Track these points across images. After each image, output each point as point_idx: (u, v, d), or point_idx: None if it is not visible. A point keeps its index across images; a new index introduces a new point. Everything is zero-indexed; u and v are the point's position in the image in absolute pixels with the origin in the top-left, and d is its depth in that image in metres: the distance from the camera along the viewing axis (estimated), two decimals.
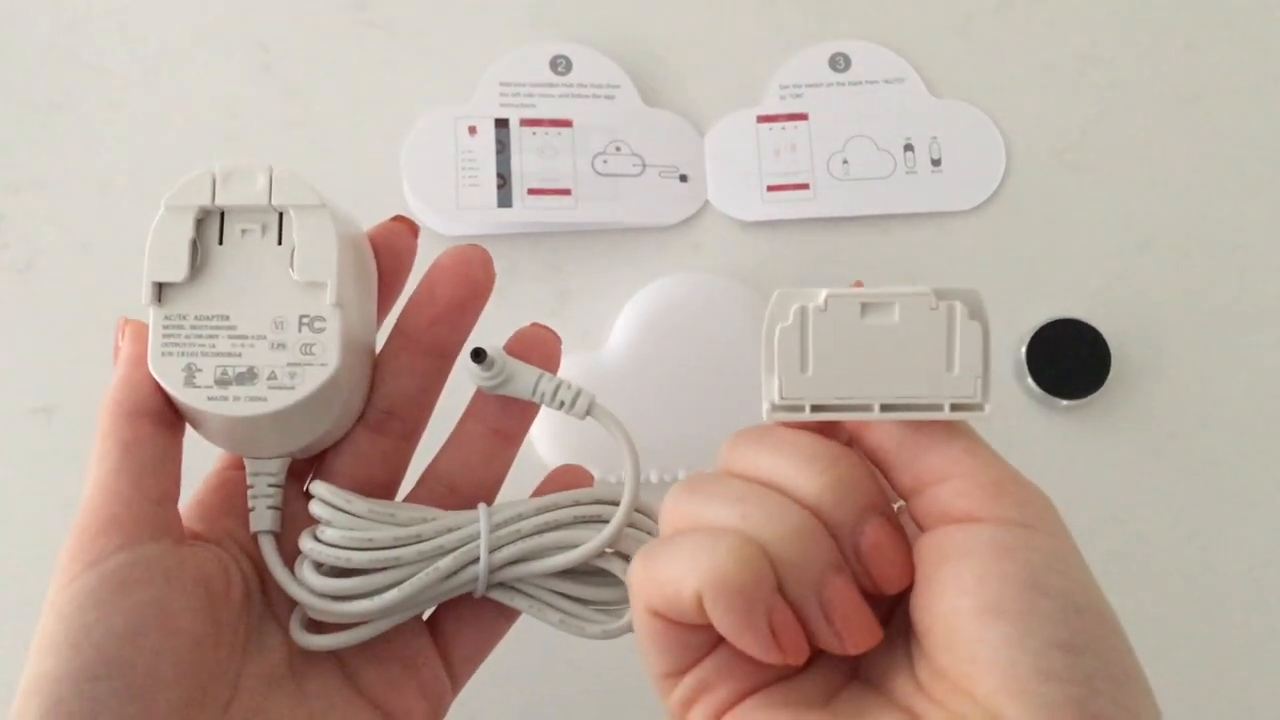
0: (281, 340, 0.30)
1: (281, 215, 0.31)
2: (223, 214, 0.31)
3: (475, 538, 0.31)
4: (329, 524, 0.31)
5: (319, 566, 0.31)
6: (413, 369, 0.33)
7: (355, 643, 0.31)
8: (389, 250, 0.33)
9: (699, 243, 0.50)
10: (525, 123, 0.50)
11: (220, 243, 0.31)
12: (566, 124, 0.50)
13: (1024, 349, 0.49)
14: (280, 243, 0.31)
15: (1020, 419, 0.49)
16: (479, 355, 0.32)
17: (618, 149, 0.50)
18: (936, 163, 0.51)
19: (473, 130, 0.50)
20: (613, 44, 0.52)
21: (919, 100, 0.52)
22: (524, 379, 0.32)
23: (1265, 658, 0.47)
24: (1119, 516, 0.48)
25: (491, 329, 0.49)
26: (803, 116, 0.51)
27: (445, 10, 0.52)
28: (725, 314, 0.48)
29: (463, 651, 0.34)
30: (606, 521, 0.32)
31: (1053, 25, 0.53)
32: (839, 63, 0.52)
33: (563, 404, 0.32)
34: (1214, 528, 0.48)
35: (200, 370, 0.30)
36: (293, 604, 0.32)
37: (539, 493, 0.34)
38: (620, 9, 0.53)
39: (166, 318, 0.30)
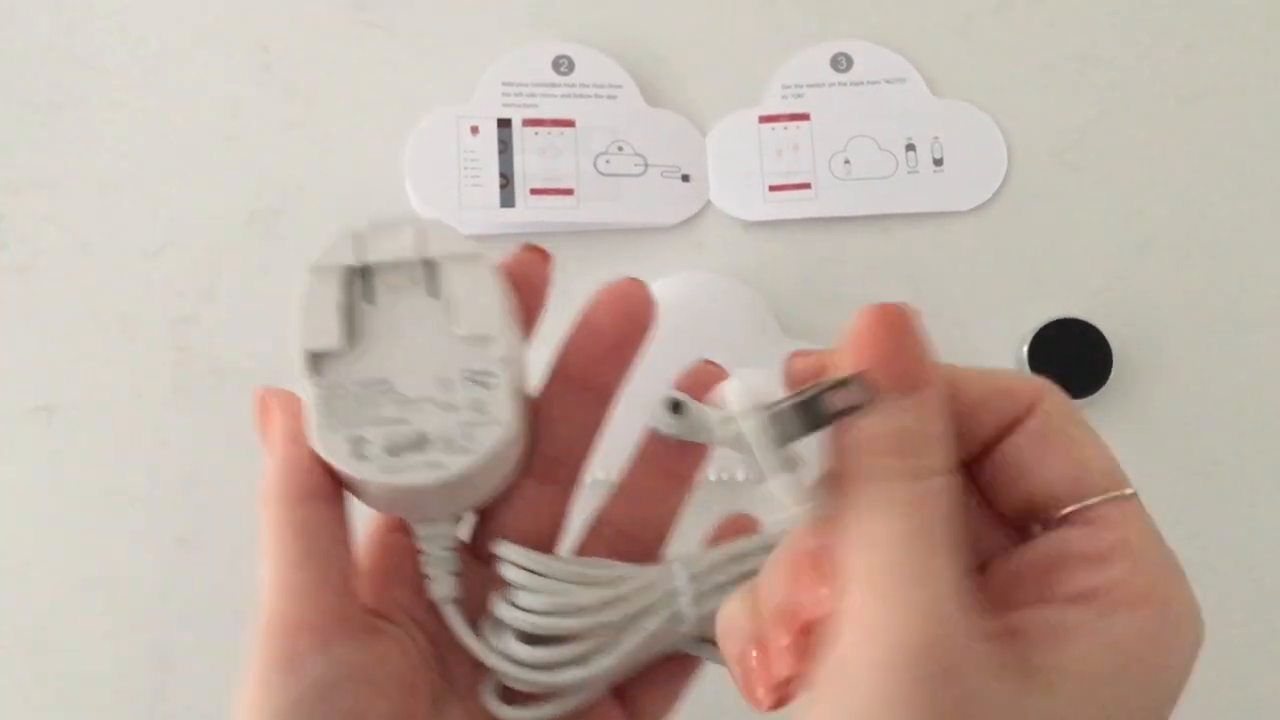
0: (450, 400, 0.28)
1: (432, 266, 0.29)
2: (364, 270, 0.29)
3: (677, 594, 0.29)
4: (525, 588, 0.29)
5: (518, 634, 0.29)
6: (577, 412, 0.31)
7: (565, 712, 0.29)
8: (525, 283, 0.31)
9: (701, 242, 0.50)
10: (527, 123, 0.50)
11: (370, 302, 0.29)
12: (569, 124, 0.50)
13: (1025, 349, 0.49)
14: (432, 295, 0.29)
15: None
16: (677, 407, 0.29)
17: (620, 149, 0.50)
18: (938, 162, 0.51)
19: (475, 130, 0.49)
20: (615, 44, 0.52)
21: (920, 100, 0.52)
22: (712, 425, 0.29)
23: (1265, 658, 0.47)
24: None
25: None
26: (804, 116, 0.51)
27: (447, 10, 0.52)
28: (727, 314, 0.48)
29: (651, 708, 0.31)
30: None
31: (1054, 25, 0.53)
32: (841, 63, 0.52)
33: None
34: (1214, 528, 0.48)
35: (369, 441, 0.28)
36: (472, 673, 0.30)
37: (714, 541, 0.33)
38: (622, 9, 0.53)
39: (325, 389, 0.28)
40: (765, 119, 0.51)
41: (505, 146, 0.49)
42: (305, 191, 0.50)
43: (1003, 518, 0.26)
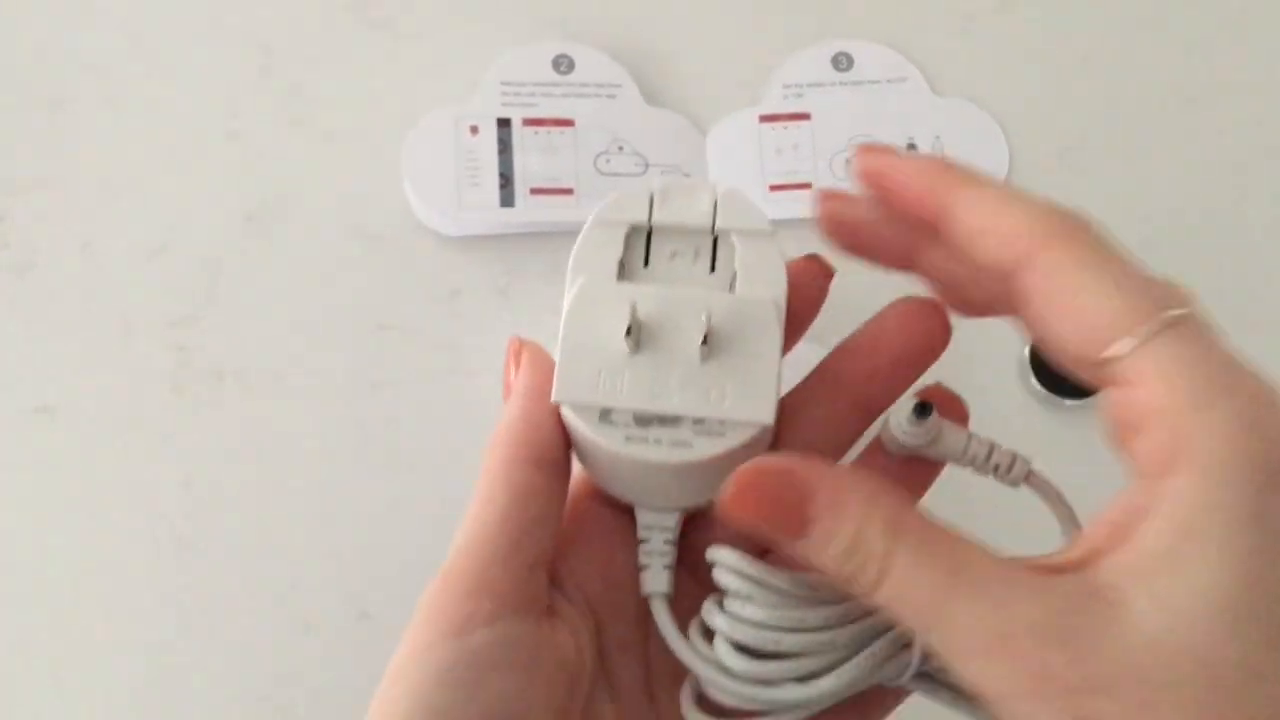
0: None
1: (716, 239, 0.27)
2: (650, 233, 0.27)
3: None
4: (749, 600, 0.26)
5: (733, 643, 0.27)
6: (835, 420, 0.29)
7: None
8: (799, 291, 0.29)
9: None
10: (527, 122, 0.50)
11: (645, 264, 0.27)
12: (568, 123, 0.50)
13: (1027, 349, 0.48)
14: (714, 270, 0.27)
15: (1023, 419, 0.49)
16: (924, 410, 0.27)
17: (620, 148, 0.50)
18: None
19: (474, 130, 0.49)
20: (615, 43, 0.52)
21: (921, 100, 0.52)
22: (953, 440, 0.28)
23: None
24: None
25: (492, 328, 0.49)
26: (805, 116, 0.51)
27: (446, 10, 0.52)
28: None
29: None
30: None
31: (1055, 25, 0.53)
32: (841, 62, 0.52)
33: (997, 468, 0.28)
34: None
35: (618, 408, 0.26)
36: (635, 675, 0.28)
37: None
38: (622, 8, 0.52)
39: None
40: (765, 119, 0.51)
41: (505, 146, 0.49)
42: (305, 191, 0.50)
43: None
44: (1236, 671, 0.20)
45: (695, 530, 0.29)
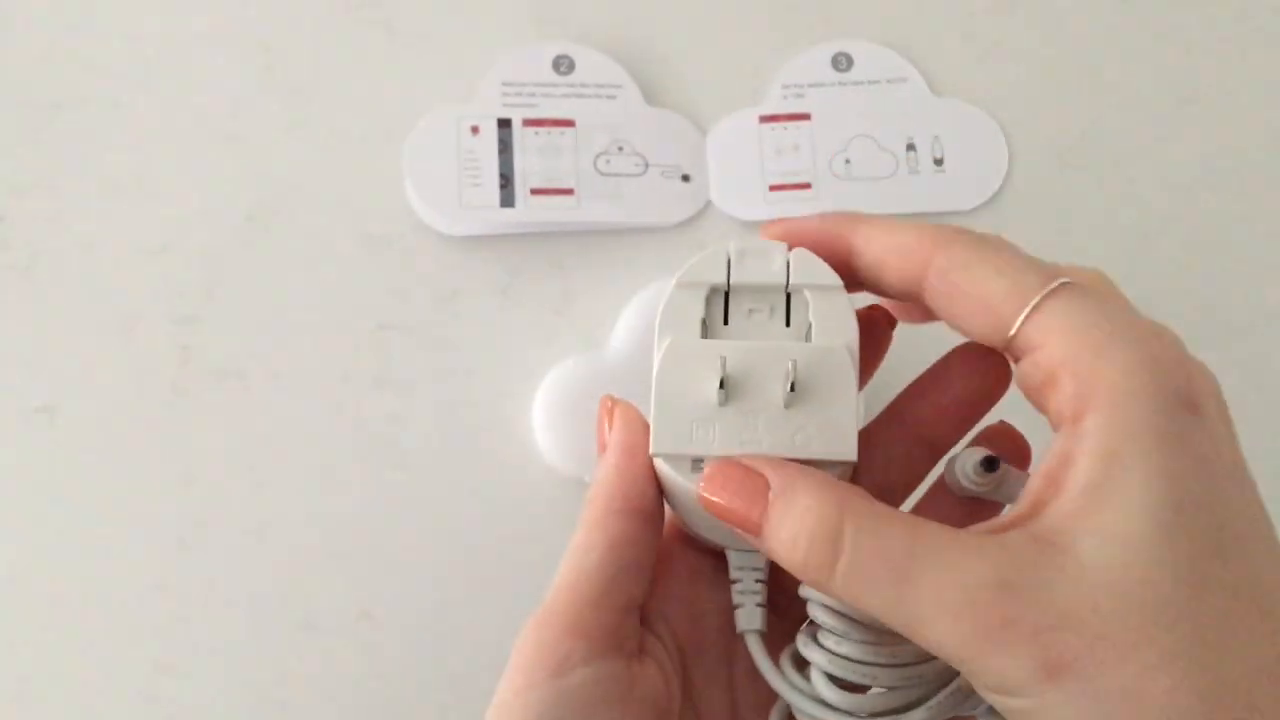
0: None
1: (789, 296, 0.29)
2: (727, 293, 0.29)
3: None
4: (845, 636, 0.28)
5: (828, 676, 0.28)
6: (903, 457, 0.31)
7: None
8: (866, 338, 0.30)
9: (701, 242, 0.50)
10: (527, 123, 0.50)
11: (725, 322, 0.29)
12: (569, 124, 0.50)
13: None
14: (789, 324, 0.29)
15: (1022, 418, 0.49)
16: (992, 464, 0.29)
17: (620, 149, 0.50)
18: (939, 162, 0.51)
19: (475, 130, 0.50)
20: (615, 44, 0.52)
21: (921, 100, 0.52)
22: (1015, 484, 0.30)
23: None
24: None
25: (492, 328, 0.49)
26: (805, 116, 0.51)
27: (447, 10, 0.52)
28: None
29: None
30: None
31: (1054, 25, 0.53)
32: (841, 62, 0.52)
33: None
34: None
35: (712, 455, 0.28)
36: (720, 710, 0.30)
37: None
38: (622, 9, 0.53)
39: None
40: (765, 119, 0.51)
41: (505, 146, 0.49)
42: (305, 191, 0.50)
43: None
44: (1178, 586, 0.22)
45: (778, 569, 0.31)
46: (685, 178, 0.50)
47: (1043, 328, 0.25)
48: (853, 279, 0.29)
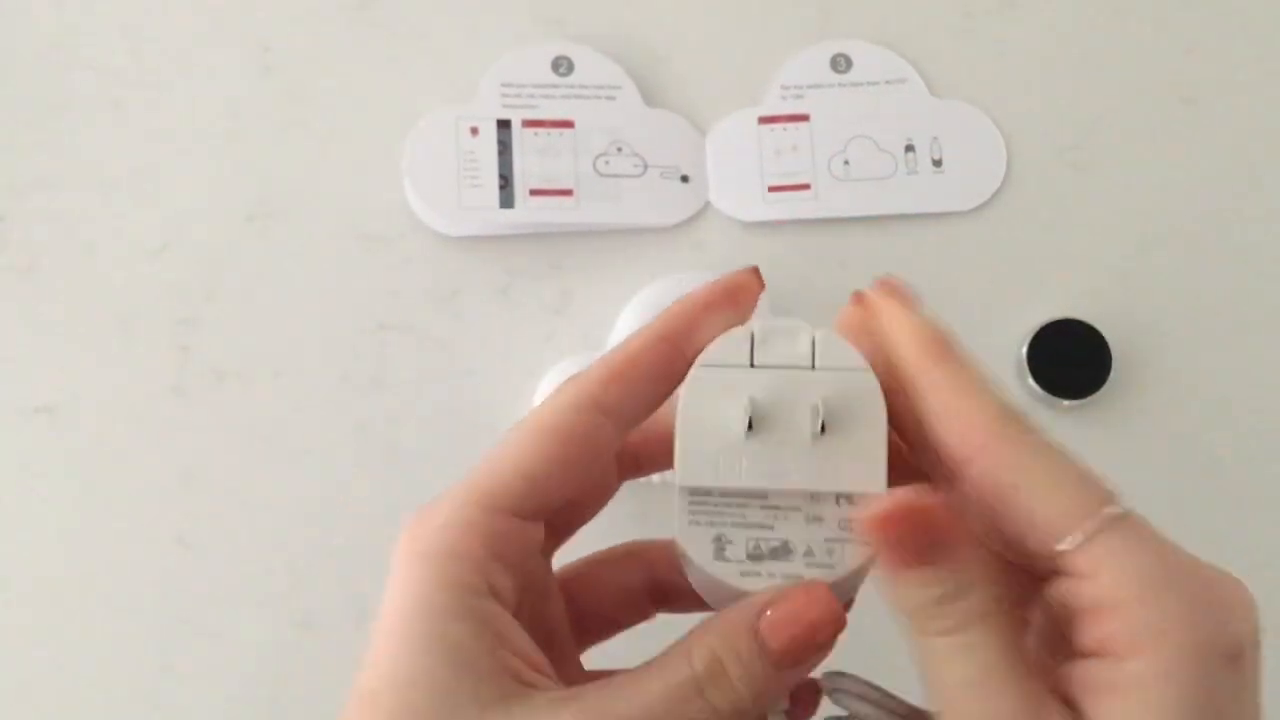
0: (818, 514, 0.28)
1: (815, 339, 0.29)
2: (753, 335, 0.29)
3: None
4: None
5: None
6: None
7: None
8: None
9: (700, 243, 0.50)
10: (527, 123, 0.50)
11: (751, 365, 0.28)
12: (568, 125, 0.50)
13: (1024, 349, 0.49)
14: (814, 367, 0.28)
15: None
16: None
17: (619, 149, 0.50)
18: (937, 163, 0.51)
19: (474, 131, 0.50)
20: (614, 45, 0.52)
21: (920, 101, 0.52)
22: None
23: (1266, 658, 0.47)
24: None
25: (491, 328, 0.49)
26: (804, 117, 0.51)
27: (447, 10, 0.52)
28: None
29: None
30: None
31: (1054, 25, 0.53)
32: (840, 63, 0.52)
33: None
34: (1214, 528, 0.48)
35: (731, 543, 0.28)
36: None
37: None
38: (622, 9, 0.53)
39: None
40: (765, 119, 0.51)
41: (505, 147, 0.50)
42: (305, 191, 0.50)
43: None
44: None
45: None
46: (684, 178, 0.50)
47: (1096, 557, 0.24)
48: (897, 395, 0.28)
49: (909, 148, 0.51)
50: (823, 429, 0.27)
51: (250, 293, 0.49)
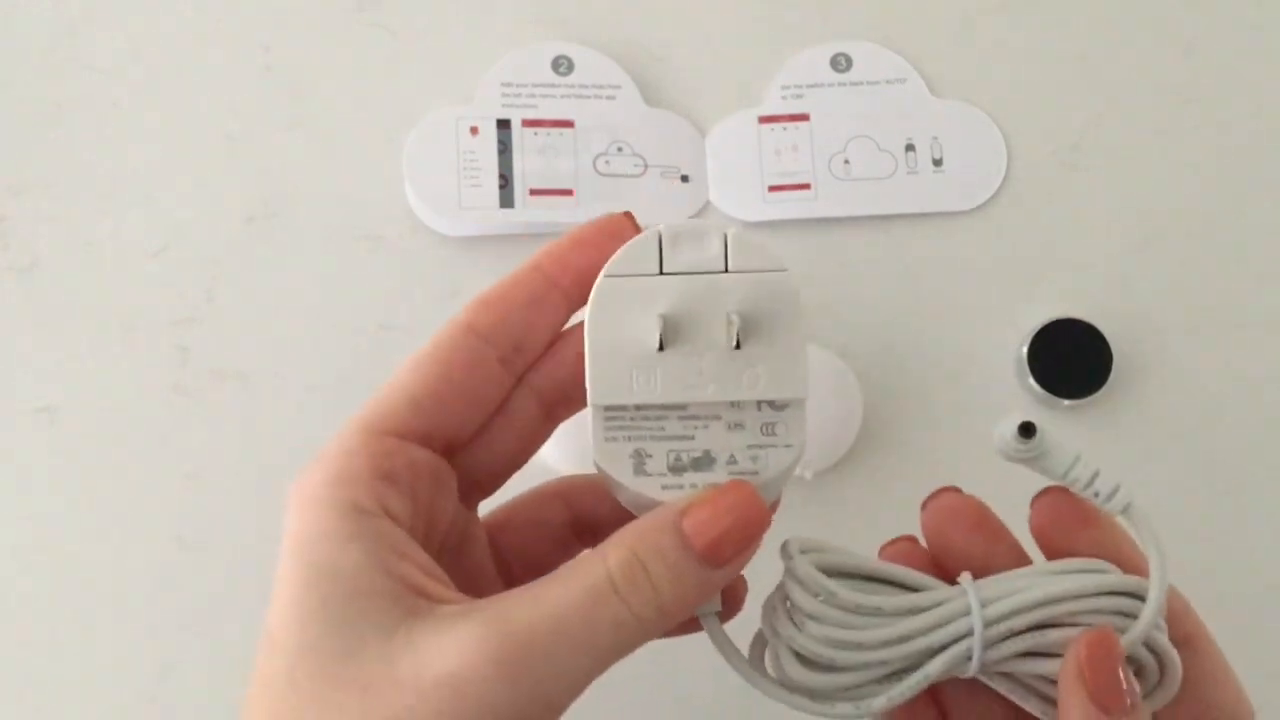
0: (739, 420, 0.27)
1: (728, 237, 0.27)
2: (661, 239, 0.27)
3: (966, 634, 0.27)
4: (816, 619, 0.27)
5: (798, 657, 0.27)
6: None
7: None
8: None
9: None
10: (527, 123, 0.50)
11: (660, 271, 0.27)
12: (568, 124, 0.50)
13: (1025, 349, 0.49)
14: (727, 269, 0.27)
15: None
16: (1028, 430, 0.28)
17: (619, 149, 0.50)
18: (938, 163, 0.51)
19: (474, 131, 0.50)
20: (614, 44, 0.52)
21: (920, 101, 0.52)
22: (1058, 459, 0.28)
23: (1266, 658, 0.47)
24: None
25: None
26: (804, 117, 0.51)
27: (447, 11, 0.52)
28: None
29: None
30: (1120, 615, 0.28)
31: (1054, 25, 0.53)
32: (840, 63, 0.52)
33: (1097, 494, 0.28)
34: (1214, 528, 0.48)
35: (650, 456, 0.27)
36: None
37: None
38: (622, 9, 0.53)
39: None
40: (765, 119, 0.51)
41: (505, 147, 0.50)
42: (305, 191, 0.50)
43: None
44: None
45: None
46: (684, 178, 0.50)
47: None
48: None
49: (909, 147, 0.51)
50: (738, 343, 0.26)
51: (250, 293, 0.49)
